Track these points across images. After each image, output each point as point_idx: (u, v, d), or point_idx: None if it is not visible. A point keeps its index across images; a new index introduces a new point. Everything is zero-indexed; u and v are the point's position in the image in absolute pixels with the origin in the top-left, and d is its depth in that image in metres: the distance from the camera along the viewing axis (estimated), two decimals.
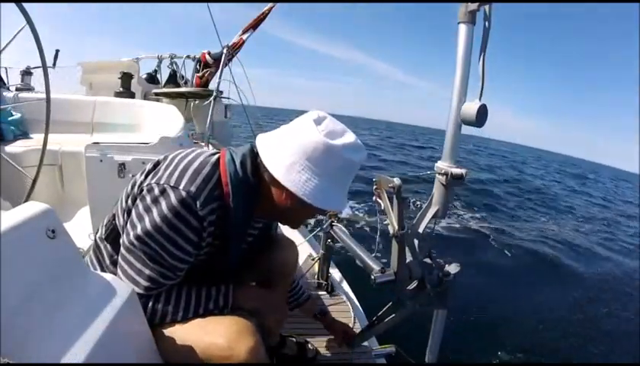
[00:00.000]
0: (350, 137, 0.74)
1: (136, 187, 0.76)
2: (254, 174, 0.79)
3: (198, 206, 0.71)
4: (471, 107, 0.90)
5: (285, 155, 0.73)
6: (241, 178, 0.77)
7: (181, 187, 0.70)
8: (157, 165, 0.79)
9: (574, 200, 12.54)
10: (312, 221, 2.38)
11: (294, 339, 1.33)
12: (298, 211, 0.79)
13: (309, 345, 1.34)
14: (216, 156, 0.79)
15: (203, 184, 0.72)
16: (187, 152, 0.80)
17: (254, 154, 0.79)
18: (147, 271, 0.73)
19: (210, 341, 0.73)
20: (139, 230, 0.71)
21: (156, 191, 0.71)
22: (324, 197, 0.72)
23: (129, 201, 0.77)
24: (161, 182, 0.72)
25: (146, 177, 0.76)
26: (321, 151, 0.71)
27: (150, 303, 0.76)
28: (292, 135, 0.74)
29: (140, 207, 0.72)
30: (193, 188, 0.71)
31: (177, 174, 0.72)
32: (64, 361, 0.51)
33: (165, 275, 0.75)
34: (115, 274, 0.75)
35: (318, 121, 0.73)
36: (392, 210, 0.96)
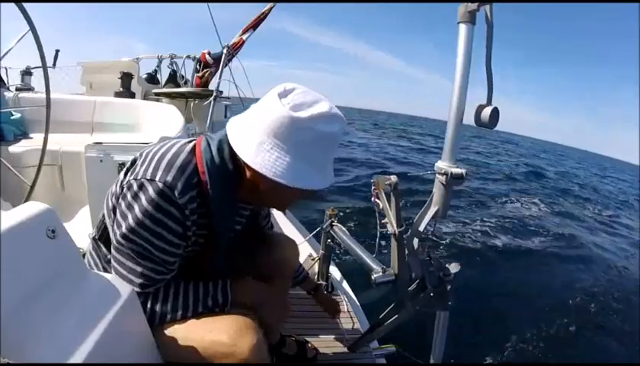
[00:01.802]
0: (320, 107, 0.69)
1: (118, 186, 0.76)
2: (232, 159, 0.76)
3: (177, 195, 0.69)
4: (485, 111, 0.94)
5: (252, 136, 0.70)
6: (218, 165, 0.75)
7: (157, 178, 0.69)
8: (135, 161, 0.78)
9: None
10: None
11: (294, 338, 1.33)
12: (278, 193, 0.75)
13: (309, 345, 1.34)
14: (192, 144, 0.77)
15: (178, 173, 0.71)
16: (161, 144, 0.78)
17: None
18: (139, 269, 0.73)
19: (212, 339, 0.73)
20: (124, 229, 0.71)
21: (135, 187, 0.70)
22: (298, 175, 0.68)
23: (114, 199, 0.77)
24: (139, 177, 0.71)
25: (126, 174, 0.76)
26: (287, 126, 0.67)
27: (149, 304, 0.75)
28: (258, 113, 0.70)
29: (122, 205, 0.72)
30: (169, 178, 0.69)
31: (152, 166, 0.71)
32: (64, 361, 0.51)
33: (157, 270, 0.74)
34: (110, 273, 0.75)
35: (284, 94, 0.69)
36: (391, 208, 0.97)
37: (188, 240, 0.76)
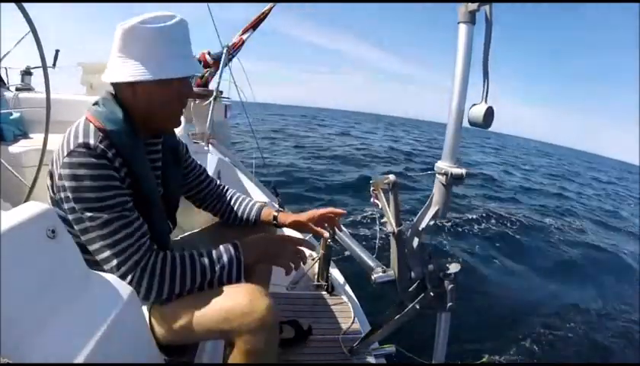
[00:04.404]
0: (153, 14, 0.81)
1: (52, 190, 0.82)
2: (118, 105, 0.84)
3: (93, 147, 0.75)
4: (479, 110, 0.92)
5: (111, 63, 0.82)
6: (107, 111, 0.82)
7: (72, 148, 0.75)
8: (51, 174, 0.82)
9: None
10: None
11: (286, 321, 1.39)
12: (161, 104, 0.85)
13: (300, 322, 1.41)
14: (82, 118, 0.83)
15: (85, 135, 0.77)
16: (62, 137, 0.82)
17: (112, 93, 0.87)
18: (120, 233, 0.75)
19: (234, 302, 0.78)
20: (82, 209, 0.74)
21: (64, 172, 0.75)
22: (154, 69, 0.80)
23: (53, 191, 0.81)
24: (60, 164, 0.75)
25: (53, 166, 0.80)
26: (126, 36, 0.80)
27: (166, 278, 0.79)
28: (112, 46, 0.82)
29: (64, 193, 0.76)
30: (80, 141, 0.75)
31: (64, 149, 0.76)
32: (64, 361, 0.51)
33: (128, 217, 0.78)
34: None
35: (125, 22, 0.80)
36: (389, 207, 0.97)
37: (124, 182, 0.80)
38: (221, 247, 0.87)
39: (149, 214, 0.85)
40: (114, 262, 0.75)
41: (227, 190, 1.20)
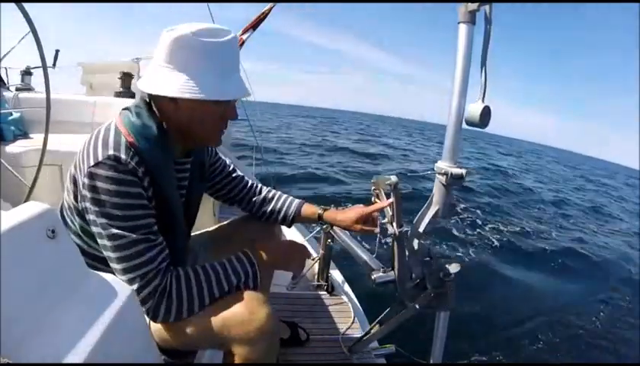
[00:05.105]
0: (202, 25, 0.75)
1: (71, 198, 0.78)
2: (152, 115, 0.80)
3: (124, 162, 0.72)
4: (475, 109, 0.91)
5: (153, 71, 0.76)
6: (141, 124, 0.78)
7: (101, 159, 0.71)
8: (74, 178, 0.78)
9: None
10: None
11: (285, 321, 1.40)
12: (199, 121, 0.80)
13: (299, 329, 1.41)
14: (110, 122, 0.80)
15: (116, 145, 0.73)
16: (85, 141, 0.79)
17: (147, 101, 0.82)
18: (144, 256, 0.73)
19: (233, 310, 0.77)
20: (106, 225, 0.72)
21: (87, 181, 0.71)
22: (211, 87, 0.74)
23: (75, 215, 0.79)
24: (85, 171, 0.72)
25: (76, 170, 0.77)
26: (174, 47, 0.73)
27: (195, 293, 0.77)
28: (155, 53, 0.77)
29: (89, 204, 0.72)
30: (110, 152, 0.72)
31: (90, 156, 0.73)
32: (64, 361, 0.51)
33: (154, 240, 0.75)
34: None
35: (171, 29, 0.75)
36: (391, 208, 0.97)
37: (151, 202, 0.78)
38: (234, 259, 0.85)
39: (172, 232, 0.83)
40: (134, 287, 0.72)
41: (261, 187, 1.18)
